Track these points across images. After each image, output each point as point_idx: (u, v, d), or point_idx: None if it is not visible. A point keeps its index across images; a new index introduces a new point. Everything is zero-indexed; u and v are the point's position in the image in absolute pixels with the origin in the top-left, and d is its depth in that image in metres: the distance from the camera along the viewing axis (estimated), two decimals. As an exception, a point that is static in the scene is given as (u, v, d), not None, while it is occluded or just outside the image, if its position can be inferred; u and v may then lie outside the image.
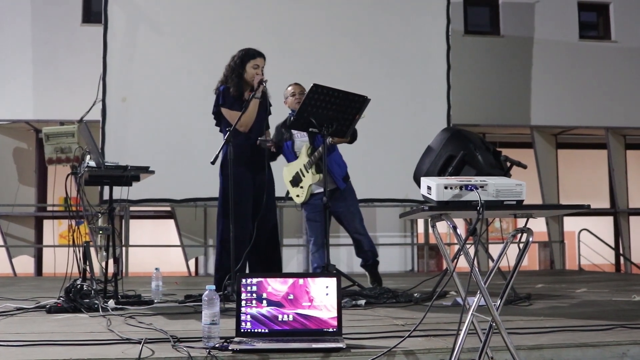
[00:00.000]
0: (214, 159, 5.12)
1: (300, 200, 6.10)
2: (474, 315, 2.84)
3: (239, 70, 5.56)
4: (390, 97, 9.82)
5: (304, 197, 6.05)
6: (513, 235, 3.01)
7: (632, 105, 12.41)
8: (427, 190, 2.89)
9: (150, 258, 11.40)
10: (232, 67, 5.59)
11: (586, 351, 3.10)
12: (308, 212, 6.12)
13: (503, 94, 12.04)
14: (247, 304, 3.14)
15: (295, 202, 6.20)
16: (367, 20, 10.31)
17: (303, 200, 6.08)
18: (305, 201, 6.08)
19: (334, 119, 5.21)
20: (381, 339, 3.28)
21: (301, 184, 6.06)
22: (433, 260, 12.07)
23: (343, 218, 6.10)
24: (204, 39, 9.83)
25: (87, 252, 5.08)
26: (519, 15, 12.38)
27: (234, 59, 5.61)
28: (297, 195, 6.12)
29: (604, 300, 5.34)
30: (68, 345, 3.13)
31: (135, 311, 4.53)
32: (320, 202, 5.57)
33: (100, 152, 5.54)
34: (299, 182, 6.07)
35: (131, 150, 9.29)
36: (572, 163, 13.28)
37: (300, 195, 6.09)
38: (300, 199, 6.09)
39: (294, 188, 6.13)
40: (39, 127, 10.94)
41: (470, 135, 4.76)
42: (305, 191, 6.02)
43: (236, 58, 5.60)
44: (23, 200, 11.36)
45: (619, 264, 12.95)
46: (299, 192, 6.10)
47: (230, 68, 5.60)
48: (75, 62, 10.99)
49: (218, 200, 5.61)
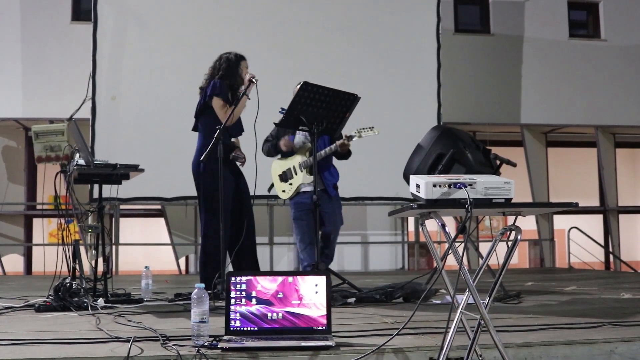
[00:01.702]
0: (204, 157, 5.11)
1: (285, 196, 6.14)
2: (462, 313, 2.85)
3: (235, 68, 5.58)
4: (381, 95, 9.84)
5: (290, 193, 6.08)
6: (502, 233, 3.02)
7: (621, 103, 12.46)
8: (416, 188, 2.90)
9: (141, 256, 11.39)
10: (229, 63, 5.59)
11: (575, 349, 3.11)
12: (295, 211, 6.11)
13: (493, 92, 12.07)
14: (237, 302, 3.14)
15: (280, 197, 6.23)
16: (357, 18, 10.32)
17: (288, 196, 6.11)
18: (291, 197, 6.10)
19: (324, 117, 5.22)
20: (370, 336, 3.28)
21: (291, 180, 6.07)
22: (424, 258, 12.09)
23: (327, 218, 6.03)
24: (193, 37, 9.81)
25: (76, 250, 5.06)
26: (509, 14, 12.41)
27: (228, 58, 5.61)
28: (283, 190, 6.14)
29: (593, 298, 5.36)
30: (57, 344, 3.12)
31: (124, 310, 4.53)
32: (308, 200, 5.59)
33: (89, 151, 5.52)
34: (289, 178, 6.08)
35: (121, 149, 9.26)
36: (562, 161, 13.33)
37: (286, 191, 6.12)
38: (286, 194, 6.13)
39: (281, 183, 6.15)
40: (28, 125, 10.89)
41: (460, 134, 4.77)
42: (294, 189, 6.05)
43: (231, 56, 5.62)
44: (12, 199, 11.31)
45: (608, 262, 13.01)
46: (285, 188, 6.12)
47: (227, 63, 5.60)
48: (65, 60, 10.96)
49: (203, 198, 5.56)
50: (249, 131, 5.49)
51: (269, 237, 10.52)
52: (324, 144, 5.98)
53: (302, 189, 6.05)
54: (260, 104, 5.27)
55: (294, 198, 6.11)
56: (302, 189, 6.05)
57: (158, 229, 11.79)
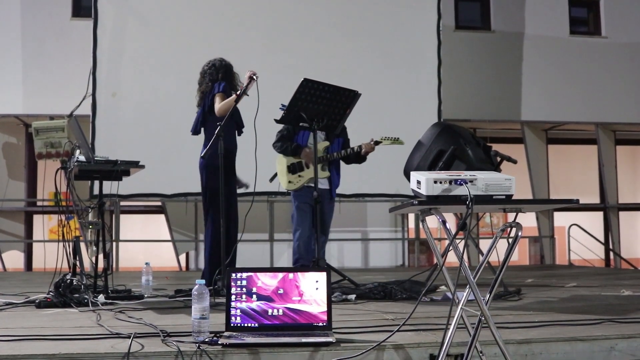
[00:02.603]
0: (204, 152, 5.15)
1: (291, 187, 6.03)
2: (463, 309, 2.85)
3: (232, 70, 5.75)
4: (381, 92, 9.83)
5: (297, 185, 5.99)
6: (502, 230, 3.03)
7: (622, 100, 12.46)
8: (417, 184, 2.90)
9: (141, 253, 11.39)
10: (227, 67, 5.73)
11: (575, 345, 3.12)
12: (300, 202, 6.01)
13: (494, 89, 12.06)
14: (237, 298, 3.14)
15: (284, 187, 6.11)
16: (357, 15, 10.31)
17: (295, 187, 6.01)
18: (297, 189, 6.01)
19: (325, 113, 5.22)
20: (371, 333, 3.28)
21: (301, 173, 5.99)
22: (424, 255, 12.10)
23: (323, 219, 5.93)
24: (193, 33, 9.80)
25: (77, 247, 5.07)
26: (510, 11, 12.40)
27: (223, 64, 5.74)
28: (290, 181, 6.03)
29: (593, 295, 5.36)
30: (57, 340, 3.12)
31: (125, 306, 4.53)
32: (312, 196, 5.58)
33: (90, 147, 5.52)
34: (300, 170, 6.00)
35: (121, 145, 9.27)
36: (562, 158, 13.33)
37: (293, 182, 6.01)
38: (292, 185, 6.02)
39: (289, 174, 6.03)
40: (28, 122, 10.89)
41: (461, 130, 4.77)
42: (303, 181, 5.97)
43: (225, 61, 5.77)
44: (13, 195, 11.32)
45: (608, 259, 13.01)
46: (293, 179, 6.01)
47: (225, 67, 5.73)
48: (65, 56, 10.95)
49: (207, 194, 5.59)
50: (249, 128, 5.49)
51: (269, 234, 10.51)
52: (338, 145, 6.00)
53: (308, 182, 5.94)
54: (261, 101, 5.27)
55: (301, 189, 6.01)
56: (308, 183, 5.94)
57: (158, 226, 11.80)
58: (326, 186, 6.00)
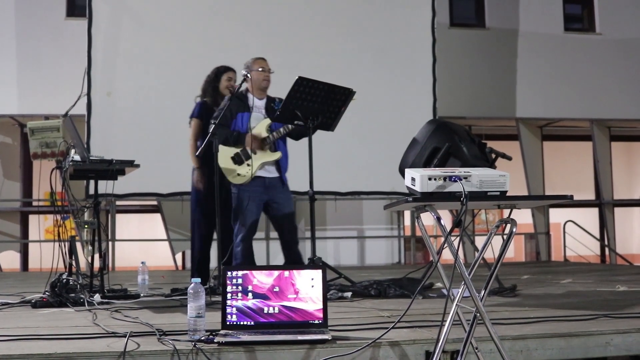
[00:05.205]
0: (199, 151, 5.18)
1: (243, 180, 5.34)
2: (458, 306, 2.86)
3: (214, 83, 6.02)
4: (376, 89, 9.82)
5: (249, 176, 5.31)
6: (497, 227, 3.04)
7: (616, 97, 12.47)
8: (411, 181, 2.90)
9: (137, 252, 11.37)
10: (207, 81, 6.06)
11: (570, 341, 3.13)
12: (250, 195, 5.37)
13: (488, 86, 12.07)
14: (233, 296, 3.14)
15: (234, 182, 5.39)
16: (352, 12, 10.31)
17: (246, 179, 5.33)
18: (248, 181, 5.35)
19: (320, 111, 5.22)
20: (366, 330, 3.29)
21: (249, 161, 5.33)
22: (420, 252, 12.10)
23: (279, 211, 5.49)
24: (188, 32, 9.80)
25: (72, 246, 5.06)
26: (505, 8, 12.41)
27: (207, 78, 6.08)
28: (239, 174, 5.34)
29: (588, 291, 5.38)
30: (53, 339, 3.12)
31: (121, 305, 4.53)
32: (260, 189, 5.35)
33: (85, 147, 5.52)
34: (247, 159, 5.34)
35: (117, 145, 9.26)
36: (557, 155, 13.35)
37: (243, 174, 5.33)
38: (243, 178, 5.33)
39: (236, 166, 5.34)
40: (23, 122, 10.86)
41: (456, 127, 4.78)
42: (253, 169, 5.33)
43: (211, 74, 6.07)
44: (8, 196, 11.30)
45: (604, 255, 13.04)
46: (242, 171, 5.34)
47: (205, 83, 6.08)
48: (60, 56, 10.92)
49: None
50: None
51: (265, 232, 10.52)
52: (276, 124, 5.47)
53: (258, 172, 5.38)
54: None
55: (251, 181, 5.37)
56: (257, 173, 5.38)
57: (154, 225, 11.78)
58: (275, 174, 5.47)
